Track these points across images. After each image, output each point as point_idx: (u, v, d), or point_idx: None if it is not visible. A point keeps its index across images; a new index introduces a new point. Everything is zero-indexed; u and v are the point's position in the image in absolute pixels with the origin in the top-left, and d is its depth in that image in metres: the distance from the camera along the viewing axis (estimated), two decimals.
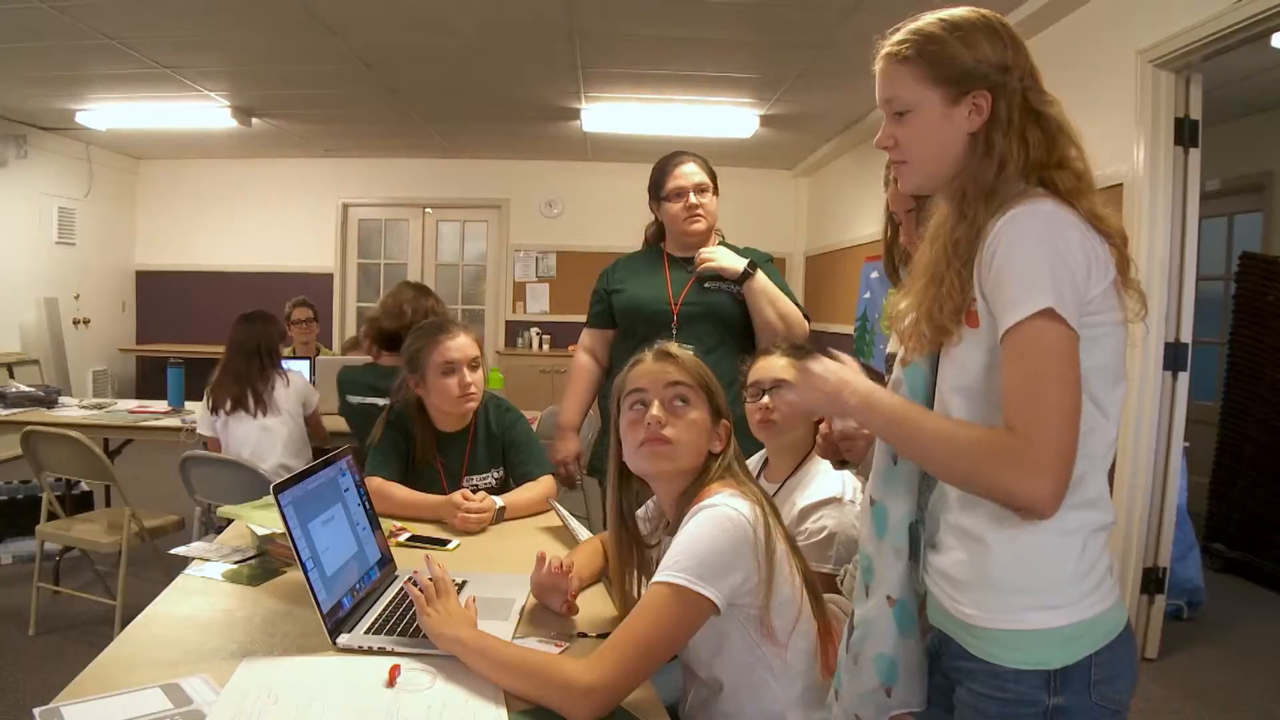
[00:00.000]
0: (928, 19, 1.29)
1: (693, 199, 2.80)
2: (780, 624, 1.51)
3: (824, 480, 2.09)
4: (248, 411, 3.65)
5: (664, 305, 2.82)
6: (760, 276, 2.76)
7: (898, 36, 1.31)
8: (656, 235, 3.00)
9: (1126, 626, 1.26)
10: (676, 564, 1.44)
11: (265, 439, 3.66)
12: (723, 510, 1.49)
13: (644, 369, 1.69)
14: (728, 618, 1.47)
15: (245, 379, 3.67)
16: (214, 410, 3.68)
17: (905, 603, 1.34)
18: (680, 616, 1.42)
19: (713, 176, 2.87)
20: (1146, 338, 3.47)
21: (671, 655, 1.45)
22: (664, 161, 2.89)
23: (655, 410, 1.63)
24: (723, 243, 2.93)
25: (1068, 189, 1.21)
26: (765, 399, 2.17)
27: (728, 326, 2.81)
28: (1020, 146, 1.23)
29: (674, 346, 1.71)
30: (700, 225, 2.83)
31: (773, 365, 2.21)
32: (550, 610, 1.76)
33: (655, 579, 1.45)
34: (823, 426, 1.70)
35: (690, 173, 2.83)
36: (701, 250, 2.79)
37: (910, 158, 1.33)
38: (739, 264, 2.75)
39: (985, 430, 1.17)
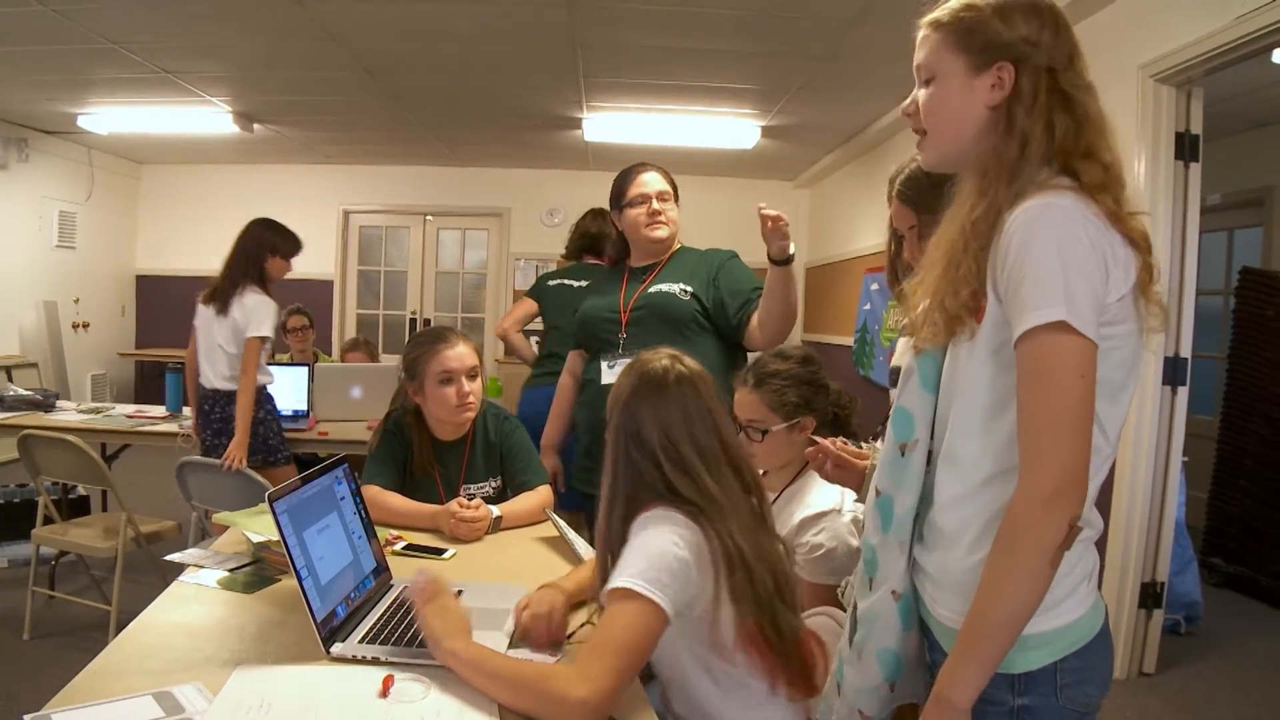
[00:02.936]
0: None
1: (655, 204, 2.80)
2: (728, 635, 1.52)
3: (820, 492, 2.08)
4: (214, 307, 3.85)
5: (613, 314, 2.80)
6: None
7: (941, 5, 1.30)
8: (621, 252, 2.97)
9: (1102, 630, 1.25)
10: (623, 571, 1.45)
11: (214, 341, 3.84)
12: (660, 520, 1.51)
13: None
14: (674, 623, 1.48)
15: (229, 278, 3.87)
16: (205, 301, 3.93)
17: (909, 597, 1.34)
18: (643, 618, 1.42)
19: (674, 187, 2.87)
20: (1145, 354, 3.46)
21: (648, 653, 1.45)
22: (625, 171, 2.89)
23: None
24: (684, 248, 2.89)
25: (1092, 182, 1.18)
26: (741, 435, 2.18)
27: (672, 324, 2.69)
28: (1045, 129, 1.20)
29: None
30: (662, 232, 2.81)
31: (743, 401, 2.20)
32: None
33: (608, 586, 1.46)
34: (811, 461, 1.71)
35: (653, 180, 2.83)
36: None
37: (930, 127, 1.32)
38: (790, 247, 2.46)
39: (995, 541, 1.15)
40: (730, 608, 1.51)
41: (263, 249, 3.92)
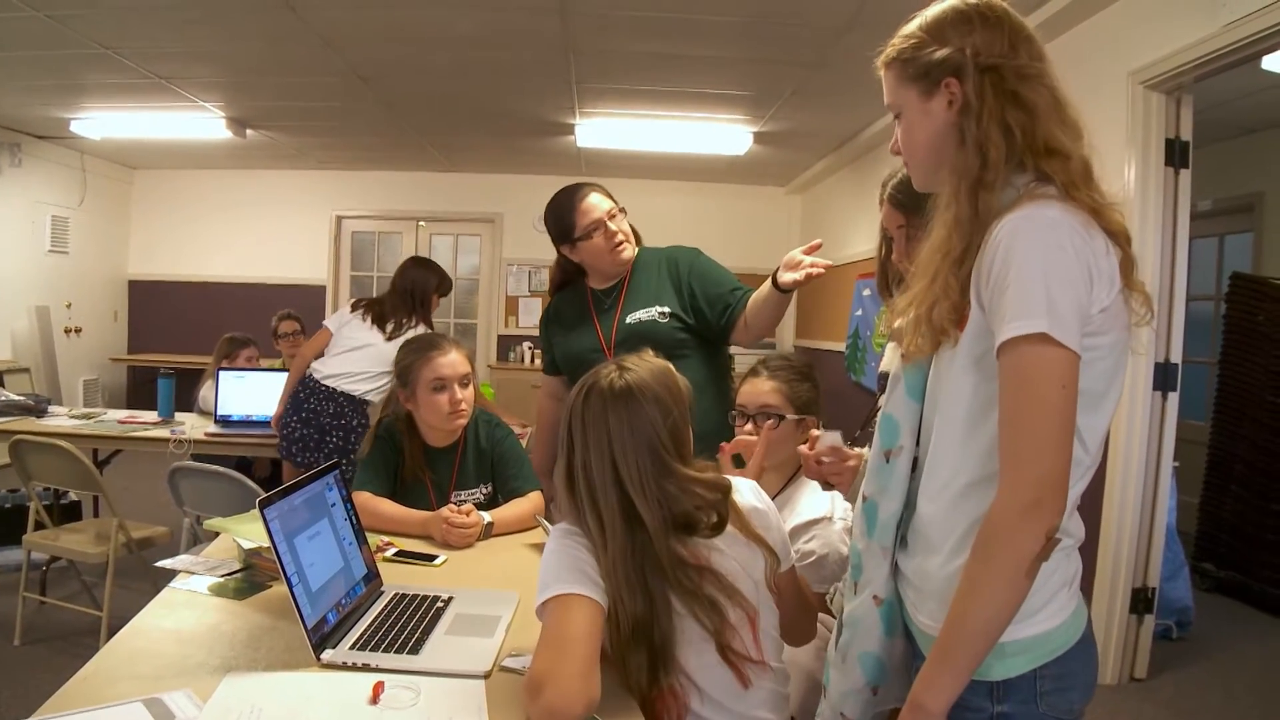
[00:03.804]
0: (910, 22, 1.32)
1: (611, 226, 2.68)
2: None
3: (812, 499, 2.08)
4: (380, 328, 4.11)
5: (598, 351, 2.68)
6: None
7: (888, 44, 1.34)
8: (574, 273, 2.85)
9: (1084, 637, 1.25)
10: (541, 588, 1.45)
11: (368, 355, 4.08)
12: (565, 532, 1.53)
13: None
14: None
15: (394, 310, 4.17)
16: (352, 309, 4.20)
17: (892, 602, 1.35)
18: (575, 611, 1.40)
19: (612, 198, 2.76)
20: (1135, 358, 3.48)
21: (594, 641, 1.40)
22: (564, 201, 2.73)
23: None
24: (640, 252, 2.80)
25: (1065, 180, 1.20)
26: (749, 425, 2.18)
27: (660, 348, 2.64)
28: (1001, 131, 1.21)
29: None
30: (629, 252, 2.72)
31: (759, 389, 2.21)
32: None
33: (536, 604, 1.45)
34: (803, 447, 1.71)
35: (598, 203, 2.69)
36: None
37: (909, 158, 1.37)
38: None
39: (973, 549, 1.16)
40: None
41: (429, 288, 4.25)
